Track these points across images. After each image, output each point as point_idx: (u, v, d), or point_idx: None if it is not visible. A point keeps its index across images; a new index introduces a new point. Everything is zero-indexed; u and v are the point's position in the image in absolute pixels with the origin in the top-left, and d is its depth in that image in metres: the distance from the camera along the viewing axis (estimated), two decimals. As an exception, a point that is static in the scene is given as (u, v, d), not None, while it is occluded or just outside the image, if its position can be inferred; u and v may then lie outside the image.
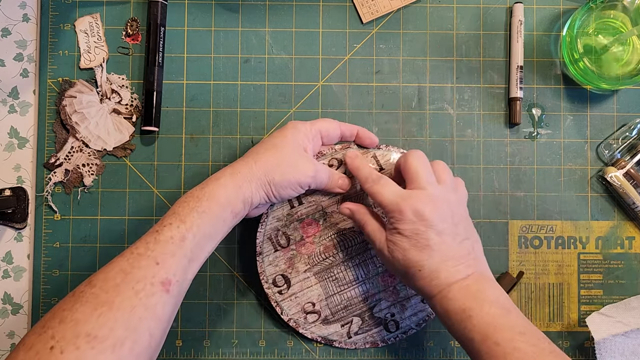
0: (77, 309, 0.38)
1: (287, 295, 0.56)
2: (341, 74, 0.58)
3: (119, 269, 0.41)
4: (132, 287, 0.39)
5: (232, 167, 0.48)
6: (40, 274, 0.57)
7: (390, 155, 0.56)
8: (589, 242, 0.58)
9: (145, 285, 0.40)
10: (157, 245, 0.42)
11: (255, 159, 0.49)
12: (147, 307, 0.39)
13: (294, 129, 0.51)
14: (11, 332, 0.57)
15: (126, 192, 0.57)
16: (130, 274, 0.40)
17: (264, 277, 0.55)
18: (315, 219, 0.56)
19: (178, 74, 0.58)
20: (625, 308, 0.57)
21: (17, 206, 0.57)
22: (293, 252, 0.56)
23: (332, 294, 0.56)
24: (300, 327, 0.56)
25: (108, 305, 0.38)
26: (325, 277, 0.56)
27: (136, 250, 0.42)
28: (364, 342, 0.56)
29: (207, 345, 0.57)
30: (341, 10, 0.59)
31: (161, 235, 0.43)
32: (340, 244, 0.56)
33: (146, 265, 0.41)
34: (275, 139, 0.51)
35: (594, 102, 0.59)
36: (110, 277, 0.40)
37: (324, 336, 0.56)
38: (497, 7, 0.59)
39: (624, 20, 0.55)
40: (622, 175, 0.57)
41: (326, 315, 0.56)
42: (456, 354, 0.58)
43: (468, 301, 0.44)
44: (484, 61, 0.59)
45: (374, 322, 0.56)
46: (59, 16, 0.58)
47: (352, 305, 0.56)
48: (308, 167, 0.50)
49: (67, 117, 0.57)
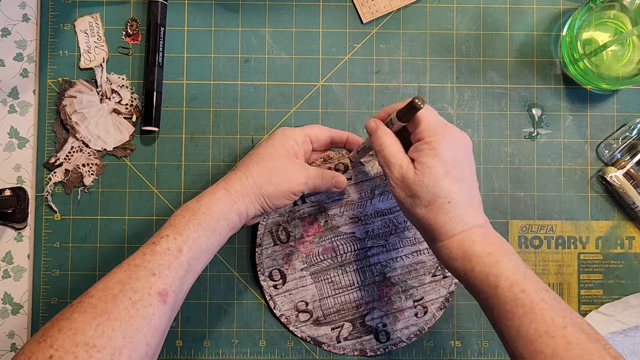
0: (76, 318, 0.39)
1: (282, 291, 0.56)
2: (341, 74, 0.58)
3: (117, 280, 0.41)
4: (129, 298, 0.40)
5: (225, 181, 0.49)
6: (40, 274, 0.57)
7: None
8: (589, 242, 0.58)
9: (143, 296, 0.41)
10: (153, 256, 0.43)
11: (247, 173, 0.49)
12: (144, 317, 0.40)
13: (283, 136, 0.51)
14: (11, 332, 0.57)
15: (126, 192, 0.57)
16: (127, 285, 0.41)
17: (260, 269, 0.56)
18: (317, 219, 0.56)
19: (178, 74, 0.58)
20: (624, 307, 0.57)
21: (17, 206, 0.57)
22: (292, 248, 0.56)
23: (326, 296, 0.56)
24: (291, 325, 0.56)
25: (106, 314, 0.39)
26: (321, 279, 0.56)
27: (133, 262, 0.42)
28: (352, 349, 0.56)
29: (207, 345, 0.57)
30: (341, 10, 0.59)
31: (158, 247, 0.43)
32: (339, 248, 0.56)
33: (143, 276, 0.41)
34: (264, 149, 0.50)
35: (594, 102, 0.59)
36: (109, 287, 0.41)
37: (314, 337, 0.56)
38: (497, 7, 0.59)
39: (624, 20, 0.55)
40: (622, 175, 0.57)
41: (318, 317, 0.56)
42: (456, 354, 0.58)
43: (491, 247, 0.42)
44: (484, 61, 0.59)
45: (365, 330, 0.56)
46: (59, 16, 0.58)
47: (345, 310, 0.56)
48: (300, 174, 0.50)
49: (67, 117, 0.57)
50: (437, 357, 0.58)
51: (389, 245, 0.56)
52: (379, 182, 0.56)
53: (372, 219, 0.56)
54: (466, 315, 0.58)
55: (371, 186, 0.56)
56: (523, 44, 0.59)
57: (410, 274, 0.56)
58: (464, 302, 0.58)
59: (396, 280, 0.56)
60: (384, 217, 0.56)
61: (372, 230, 0.56)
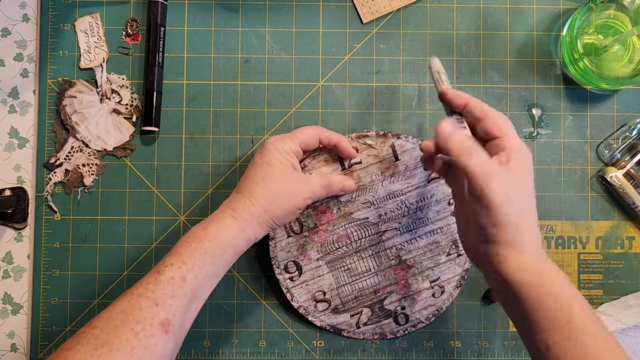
0: (79, 349, 0.40)
1: (299, 283, 0.56)
2: (341, 74, 0.58)
3: (120, 310, 0.42)
4: (131, 328, 0.41)
5: (231, 207, 0.48)
6: (40, 274, 0.57)
7: (408, 146, 0.56)
8: (589, 242, 0.58)
9: (145, 327, 0.41)
10: (157, 286, 0.43)
11: (252, 199, 0.48)
12: (146, 347, 0.40)
13: (277, 152, 0.50)
14: (11, 332, 0.57)
15: (126, 192, 0.57)
16: (130, 315, 0.41)
17: (275, 263, 0.56)
18: (329, 207, 0.56)
19: (178, 74, 0.58)
20: (623, 306, 0.57)
21: (17, 206, 0.57)
22: (306, 239, 0.56)
23: (343, 284, 0.56)
24: (309, 315, 0.56)
25: (108, 345, 0.40)
26: (337, 267, 0.56)
27: (137, 291, 0.43)
28: (372, 333, 0.56)
29: (207, 345, 0.57)
30: (341, 10, 0.59)
31: (162, 276, 0.43)
32: (353, 234, 0.56)
33: (146, 307, 0.42)
34: (262, 169, 0.49)
35: (594, 102, 0.59)
36: (112, 318, 0.41)
37: (333, 325, 0.56)
38: (497, 7, 0.59)
39: (624, 20, 0.55)
40: (622, 175, 0.57)
41: (336, 305, 0.56)
42: (456, 354, 0.58)
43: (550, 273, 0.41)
44: (484, 61, 0.59)
45: (384, 314, 0.56)
46: (59, 16, 0.58)
47: (363, 297, 0.56)
48: (303, 190, 0.50)
49: (67, 117, 0.57)
50: (437, 357, 0.58)
51: (402, 227, 0.56)
52: (388, 163, 0.56)
53: (384, 201, 0.56)
54: (466, 315, 0.58)
55: (381, 168, 0.56)
56: (523, 44, 0.59)
57: (426, 255, 0.56)
58: (464, 302, 0.58)
59: (412, 263, 0.56)
60: (395, 198, 0.56)
61: (385, 214, 0.56)
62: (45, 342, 0.57)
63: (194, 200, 0.58)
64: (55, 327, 0.57)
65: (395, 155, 0.56)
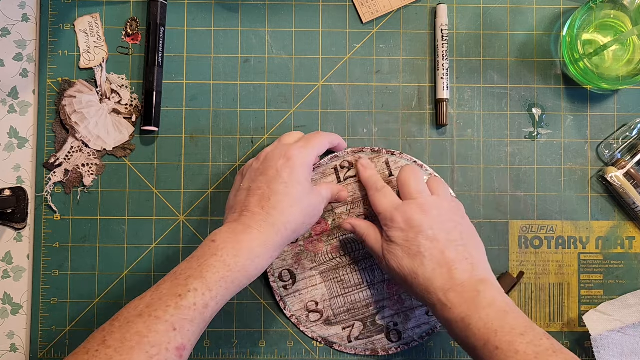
0: None
1: (292, 291, 0.56)
2: (341, 74, 0.58)
3: (135, 331, 0.40)
4: (146, 352, 0.40)
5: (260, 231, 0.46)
6: (40, 274, 0.57)
7: (402, 163, 0.56)
8: (589, 242, 0.58)
9: (160, 351, 0.40)
10: (177, 310, 0.41)
11: (286, 224, 0.47)
12: None
13: (303, 168, 0.49)
14: (11, 332, 0.57)
15: (126, 192, 0.57)
16: (146, 338, 0.40)
17: (270, 270, 0.56)
18: (324, 217, 0.56)
19: (178, 74, 0.58)
20: (622, 305, 0.57)
21: (17, 206, 0.57)
22: (301, 248, 0.56)
23: (336, 295, 0.56)
24: (301, 325, 0.56)
25: None
26: (331, 278, 0.56)
27: (155, 313, 0.41)
28: (364, 349, 0.56)
29: (207, 345, 0.57)
30: (341, 10, 0.59)
31: (184, 301, 0.42)
32: (347, 246, 0.56)
33: (164, 331, 0.41)
34: (294, 191, 0.48)
35: (594, 102, 0.59)
36: (127, 339, 0.40)
37: (325, 337, 0.56)
38: (497, 7, 0.59)
39: (624, 20, 0.55)
40: (622, 175, 0.57)
41: (328, 316, 0.56)
42: (456, 354, 0.58)
43: (464, 308, 0.44)
44: (484, 61, 0.59)
45: (376, 329, 0.56)
46: (59, 16, 0.58)
47: (355, 310, 0.56)
48: (320, 203, 0.51)
49: (66, 117, 0.57)
50: (437, 357, 0.58)
51: None
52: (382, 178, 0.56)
53: None
54: (466, 316, 0.58)
55: None
56: (523, 44, 0.59)
57: None
58: (464, 302, 0.58)
59: None
60: None
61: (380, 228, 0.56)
62: (44, 342, 0.57)
63: (194, 201, 0.58)
64: (55, 327, 0.57)
65: (389, 171, 0.56)
